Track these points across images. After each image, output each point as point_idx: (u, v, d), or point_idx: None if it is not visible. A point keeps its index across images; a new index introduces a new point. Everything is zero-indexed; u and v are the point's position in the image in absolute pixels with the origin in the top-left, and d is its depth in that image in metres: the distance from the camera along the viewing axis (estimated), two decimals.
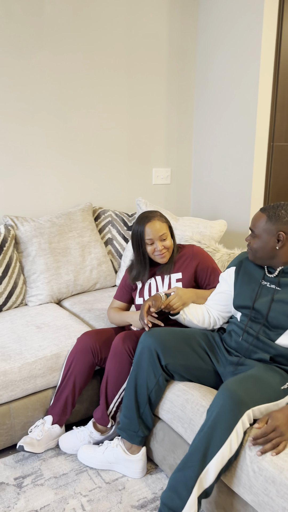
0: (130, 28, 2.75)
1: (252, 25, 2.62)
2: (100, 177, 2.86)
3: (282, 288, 1.50)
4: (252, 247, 1.54)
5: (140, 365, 1.60)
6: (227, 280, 1.70)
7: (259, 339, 1.52)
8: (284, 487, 1.16)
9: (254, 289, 1.57)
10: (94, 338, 1.85)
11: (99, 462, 1.70)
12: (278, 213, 1.48)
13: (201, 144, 3.15)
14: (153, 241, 1.82)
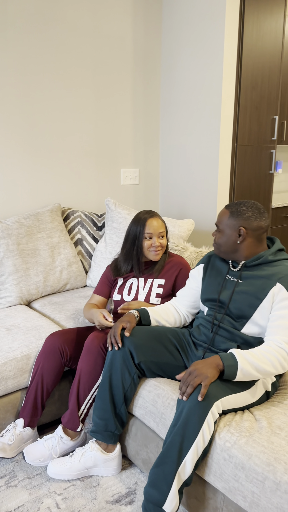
0: (95, 30, 2.77)
1: (214, 29, 2.70)
2: (69, 178, 2.86)
3: (244, 280, 1.57)
4: (217, 241, 1.62)
5: (114, 365, 1.61)
6: (196, 277, 1.76)
7: (225, 329, 1.58)
8: (253, 472, 1.22)
9: (220, 283, 1.64)
10: (62, 338, 1.85)
11: (75, 471, 1.65)
12: (240, 209, 1.56)
13: (168, 145, 3.20)
14: (152, 236, 1.89)
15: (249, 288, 1.53)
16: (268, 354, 1.41)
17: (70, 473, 1.66)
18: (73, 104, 2.77)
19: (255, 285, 1.52)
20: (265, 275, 1.52)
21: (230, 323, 1.57)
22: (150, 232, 1.89)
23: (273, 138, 3.20)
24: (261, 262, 1.56)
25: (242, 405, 1.45)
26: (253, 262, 1.57)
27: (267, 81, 3.02)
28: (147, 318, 1.75)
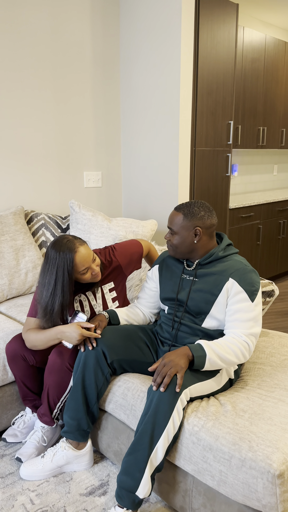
0: (55, 36, 2.80)
1: (171, 37, 2.81)
2: (31, 180, 2.87)
3: (199, 278, 1.64)
4: (172, 243, 1.65)
5: (87, 366, 1.63)
6: (153, 278, 1.83)
7: (186, 325, 1.66)
8: (220, 452, 1.30)
9: (176, 283, 1.71)
10: (20, 344, 1.79)
11: (48, 471, 1.69)
12: (192, 210, 1.61)
13: (129, 148, 3.28)
14: (89, 267, 1.66)
15: (204, 286, 1.61)
16: (232, 345, 1.50)
17: (43, 473, 1.68)
18: (33, 107, 2.79)
19: (209, 282, 1.60)
20: (218, 271, 1.60)
21: (190, 319, 1.66)
22: (86, 268, 1.64)
23: (228, 142, 3.35)
24: (213, 259, 1.63)
25: (208, 392, 1.54)
26: (206, 260, 1.64)
27: (221, 87, 3.17)
28: (116, 318, 1.80)
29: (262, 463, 1.20)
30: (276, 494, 1.18)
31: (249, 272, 1.58)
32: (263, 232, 4.09)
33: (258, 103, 4.09)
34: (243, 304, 1.54)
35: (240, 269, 1.58)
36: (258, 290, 1.57)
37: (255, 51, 3.90)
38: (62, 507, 1.55)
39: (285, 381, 1.61)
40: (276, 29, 4.67)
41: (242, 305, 1.54)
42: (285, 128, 4.51)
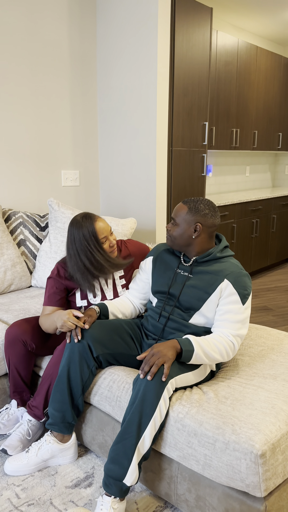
0: (31, 35, 2.81)
1: (147, 39, 2.86)
2: (8, 179, 2.86)
3: (194, 275, 1.69)
4: (172, 234, 1.70)
5: (72, 359, 1.65)
6: (145, 269, 1.87)
7: (174, 321, 1.70)
8: (204, 437, 1.35)
9: (170, 277, 1.75)
10: (23, 328, 1.86)
11: (33, 465, 1.69)
12: (198, 206, 1.67)
13: (106, 147, 3.31)
14: (107, 238, 1.82)
15: (199, 283, 1.65)
16: (219, 344, 1.56)
17: (28, 468, 1.69)
18: (11, 106, 2.78)
19: (204, 280, 1.65)
20: (214, 271, 1.65)
21: (179, 314, 1.70)
22: (104, 236, 1.81)
23: (204, 143, 3.43)
24: (210, 258, 1.68)
25: (192, 383, 1.58)
26: (204, 258, 1.69)
27: (197, 89, 3.25)
28: (106, 313, 1.82)
29: (245, 445, 1.26)
30: (259, 473, 1.23)
31: (243, 276, 1.63)
32: (237, 231, 4.20)
33: (232, 106, 4.20)
34: (234, 305, 1.59)
35: (236, 272, 1.63)
36: (249, 294, 1.63)
37: (228, 55, 4.01)
38: (49, 500, 1.57)
39: (263, 369, 1.67)
40: (248, 34, 4.80)
41: (233, 307, 1.59)
42: (257, 130, 4.65)
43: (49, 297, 1.88)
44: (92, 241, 1.78)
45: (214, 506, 1.38)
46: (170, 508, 1.55)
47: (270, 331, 2.04)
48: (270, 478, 1.25)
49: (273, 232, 4.78)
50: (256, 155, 5.36)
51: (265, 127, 4.78)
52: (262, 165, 5.52)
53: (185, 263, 1.75)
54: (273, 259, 4.88)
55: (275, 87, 4.79)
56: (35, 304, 2.35)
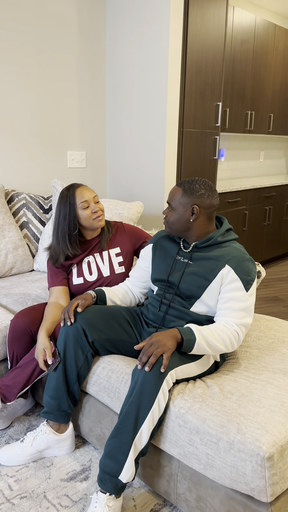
0: (39, 9, 2.67)
1: (159, 13, 2.71)
2: (13, 159, 2.75)
3: (194, 262, 1.59)
4: (169, 219, 1.60)
5: (67, 344, 1.58)
6: (145, 257, 1.77)
7: (175, 308, 1.60)
8: (207, 435, 1.26)
9: (169, 264, 1.65)
10: (28, 319, 1.77)
11: (28, 456, 1.63)
12: (193, 187, 1.55)
13: (114, 128, 3.18)
14: (88, 204, 1.78)
15: (199, 269, 1.55)
16: (222, 333, 1.45)
17: (22, 458, 1.63)
18: (16, 85, 2.66)
19: (204, 267, 1.55)
20: (214, 256, 1.54)
21: (179, 302, 1.60)
22: (85, 200, 1.77)
23: (217, 125, 3.28)
24: (211, 243, 1.57)
25: (194, 374, 1.49)
26: (204, 243, 1.58)
27: (211, 67, 3.09)
28: (103, 298, 1.74)
29: (251, 446, 1.16)
30: (265, 477, 1.14)
31: (246, 260, 1.52)
32: (249, 218, 4.06)
33: (247, 87, 4.02)
34: (237, 293, 1.49)
35: (238, 257, 1.52)
36: (253, 280, 1.52)
37: (245, 33, 3.82)
38: (42, 493, 1.50)
39: (272, 363, 1.57)
40: (266, 12, 4.58)
41: (236, 294, 1.49)
42: (273, 114, 4.46)
43: (52, 278, 1.87)
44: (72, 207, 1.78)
45: (216, 508, 1.29)
46: (169, 507, 1.47)
47: (281, 323, 1.93)
48: (277, 482, 1.16)
49: (286, 220, 4.62)
50: (271, 140, 5.17)
51: (282, 110, 4.59)
52: (277, 151, 5.33)
53: (184, 249, 1.64)
54: (286, 248, 4.73)
55: None
56: (36, 288, 2.27)
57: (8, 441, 1.76)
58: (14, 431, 1.81)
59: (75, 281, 1.87)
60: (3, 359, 1.90)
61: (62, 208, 1.79)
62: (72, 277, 1.88)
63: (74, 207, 1.78)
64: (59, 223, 1.80)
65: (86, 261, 1.89)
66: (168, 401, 1.38)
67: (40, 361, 1.63)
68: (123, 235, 1.95)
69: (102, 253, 1.89)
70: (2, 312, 1.97)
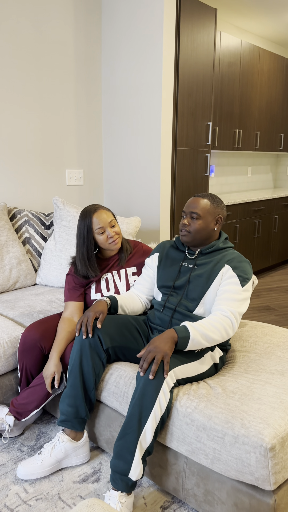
0: (38, 36, 2.82)
1: (152, 39, 2.88)
2: (14, 178, 2.87)
3: (198, 266, 1.74)
4: (195, 227, 1.71)
5: (84, 351, 1.65)
6: (151, 265, 1.89)
7: (180, 312, 1.72)
8: (214, 431, 1.36)
9: (175, 271, 1.78)
10: (39, 332, 1.84)
11: (48, 467, 1.65)
12: (217, 199, 1.75)
13: (110, 147, 3.32)
14: (104, 229, 1.87)
15: (202, 272, 1.70)
16: (215, 323, 1.56)
17: (43, 469, 1.64)
18: (17, 106, 2.80)
19: (207, 269, 1.70)
20: (216, 259, 1.71)
21: (184, 306, 1.72)
22: (101, 227, 1.87)
23: (207, 143, 3.44)
24: (214, 249, 1.75)
25: (193, 374, 1.58)
26: (208, 249, 1.75)
27: (201, 89, 3.26)
28: (116, 306, 1.82)
29: (254, 438, 1.27)
30: (268, 467, 1.24)
31: (244, 261, 1.70)
32: (240, 231, 4.21)
33: (235, 106, 4.22)
34: (233, 286, 1.63)
35: (236, 257, 1.70)
36: (249, 279, 1.67)
37: (232, 55, 4.03)
38: (57, 494, 1.57)
39: (270, 366, 1.68)
40: (251, 35, 4.83)
41: (232, 287, 1.63)
42: (259, 131, 4.67)
43: (69, 292, 1.96)
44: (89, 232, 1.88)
45: (223, 501, 1.38)
46: (177, 503, 1.56)
47: (276, 329, 2.05)
48: (280, 471, 1.26)
49: (275, 233, 4.79)
50: (258, 156, 5.37)
51: (267, 128, 4.80)
52: (264, 166, 5.54)
53: (190, 256, 1.79)
54: (275, 259, 4.89)
55: (278, 88, 4.81)
56: (40, 301, 2.36)
57: (20, 447, 1.83)
58: (25, 437, 1.89)
59: (93, 297, 1.97)
60: (13, 369, 1.98)
61: (82, 230, 1.89)
62: (90, 293, 1.97)
63: (91, 232, 1.88)
64: (79, 244, 1.91)
65: (105, 278, 1.98)
66: (175, 402, 1.48)
67: (47, 382, 1.73)
68: (140, 256, 2.06)
69: (120, 271, 1.99)
70: (11, 325, 2.05)
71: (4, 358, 1.91)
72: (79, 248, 1.91)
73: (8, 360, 1.93)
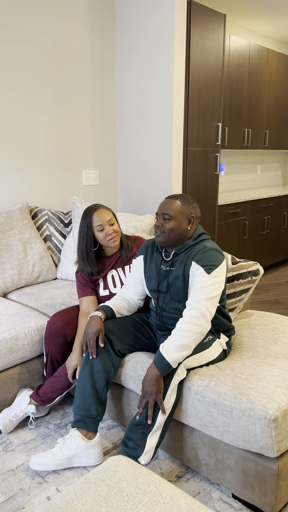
0: (56, 43, 3.00)
1: (164, 44, 3.03)
2: (35, 179, 3.05)
3: (175, 267, 1.77)
4: (169, 227, 1.73)
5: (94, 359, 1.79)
6: (138, 268, 1.94)
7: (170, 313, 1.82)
8: (223, 406, 1.52)
9: (157, 274, 1.85)
10: (63, 321, 2.02)
11: (58, 461, 1.70)
12: (187, 199, 1.78)
13: (124, 148, 3.49)
14: (103, 227, 1.98)
15: (178, 274, 1.75)
16: (182, 326, 1.59)
17: (53, 462, 1.69)
18: (36, 110, 2.98)
19: (181, 270, 1.74)
20: (186, 258, 1.74)
21: (173, 308, 1.81)
22: (100, 224, 1.96)
23: (217, 143, 3.59)
24: (186, 248, 1.77)
25: (204, 362, 1.73)
26: (181, 250, 1.77)
27: (211, 91, 3.41)
28: (112, 315, 1.92)
29: (259, 411, 1.43)
30: (272, 436, 1.40)
31: (208, 250, 1.70)
32: (249, 227, 4.35)
33: (243, 106, 4.35)
34: (200, 277, 1.66)
35: (201, 250, 1.71)
36: (216, 266, 1.67)
37: (240, 57, 4.16)
38: (82, 465, 1.75)
39: (276, 350, 1.83)
40: (259, 37, 4.94)
41: (199, 279, 1.66)
42: (268, 130, 4.79)
43: (81, 289, 2.10)
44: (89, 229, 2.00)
45: (232, 468, 1.55)
46: (191, 473, 1.72)
47: (282, 318, 2.20)
48: (282, 440, 1.42)
49: (284, 229, 4.91)
50: (268, 154, 5.49)
51: (276, 126, 4.92)
52: (273, 164, 5.65)
53: (166, 258, 1.82)
54: (284, 255, 5.02)
55: (286, 87, 4.92)
56: (61, 294, 2.54)
57: (46, 425, 2.01)
58: (51, 417, 2.07)
59: (101, 293, 2.12)
60: (39, 354, 2.17)
61: (82, 228, 2.01)
62: (99, 289, 2.12)
63: (91, 229, 1.99)
64: (79, 241, 2.03)
65: (110, 275, 2.11)
66: (186, 382, 1.64)
67: (69, 373, 1.90)
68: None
69: (124, 268, 2.11)
70: (37, 314, 2.24)
71: (31, 344, 2.09)
72: (79, 245, 2.03)
73: (35, 346, 2.11)
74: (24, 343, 2.07)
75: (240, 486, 1.54)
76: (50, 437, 1.92)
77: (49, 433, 1.95)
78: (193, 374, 1.67)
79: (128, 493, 1.00)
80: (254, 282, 2.25)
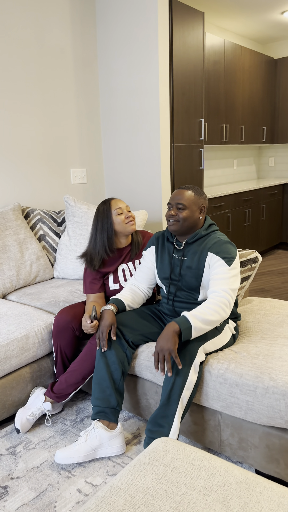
0: (38, 42, 2.99)
1: (147, 42, 3.08)
2: (24, 179, 3.03)
3: (187, 257, 1.85)
4: (181, 217, 1.81)
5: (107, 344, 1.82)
6: (150, 257, 2.00)
7: (181, 301, 1.89)
8: (245, 386, 1.58)
9: (169, 262, 1.92)
10: (70, 314, 2.04)
11: (83, 453, 1.72)
12: (199, 190, 1.87)
13: (110, 146, 3.51)
14: (122, 210, 2.05)
15: (192, 263, 1.83)
16: (213, 305, 1.68)
17: (78, 455, 1.72)
18: (20, 111, 2.96)
19: (195, 259, 1.83)
20: (200, 249, 1.81)
21: (185, 295, 1.89)
22: (119, 207, 2.04)
23: (200, 138, 3.67)
24: (197, 237, 1.84)
25: (219, 346, 1.79)
26: (192, 239, 1.84)
27: (193, 88, 3.48)
28: (123, 308, 1.97)
29: (283, 388, 1.50)
30: None
31: (224, 243, 1.79)
32: (232, 220, 4.46)
33: (221, 102, 4.46)
34: (221, 268, 1.74)
35: (216, 242, 1.79)
36: (234, 258, 1.77)
37: (216, 54, 4.26)
38: (106, 457, 1.77)
39: (284, 332, 1.92)
40: (232, 34, 5.07)
41: (220, 269, 1.74)
42: (244, 125, 4.92)
43: (89, 285, 2.12)
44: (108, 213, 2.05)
45: (256, 445, 1.61)
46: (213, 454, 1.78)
47: (283, 303, 2.29)
48: None
49: (263, 220, 5.06)
50: (242, 148, 5.64)
51: (251, 121, 5.06)
52: (248, 158, 5.81)
53: (178, 247, 1.89)
54: (264, 245, 5.17)
55: (258, 84, 5.08)
56: (62, 292, 2.54)
57: (63, 421, 2.02)
58: (66, 413, 2.08)
59: (111, 287, 2.14)
60: (49, 352, 2.17)
61: (100, 217, 2.06)
62: (109, 283, 2.14)
63: (110, 214, 2.05)
64: (97, 230, 2.06)
65: (121, 269, 2.15)
66: (206, 366, 1.69)
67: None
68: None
69: (134, 262, 2.16)
70: (43, 313, 2.23)
71: (42, 343, 2.09)
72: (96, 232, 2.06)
73: (45, 344, 2.11)
74: (35, 342, 2.06)
75: (264, 461, 1.60)
76: (68, 432, 1.93)
77: (67, 429, 1.96)
78: (211, 358, 1.72)
79: (184, 470, 1.04)
80: (254, 269, 2.33)
